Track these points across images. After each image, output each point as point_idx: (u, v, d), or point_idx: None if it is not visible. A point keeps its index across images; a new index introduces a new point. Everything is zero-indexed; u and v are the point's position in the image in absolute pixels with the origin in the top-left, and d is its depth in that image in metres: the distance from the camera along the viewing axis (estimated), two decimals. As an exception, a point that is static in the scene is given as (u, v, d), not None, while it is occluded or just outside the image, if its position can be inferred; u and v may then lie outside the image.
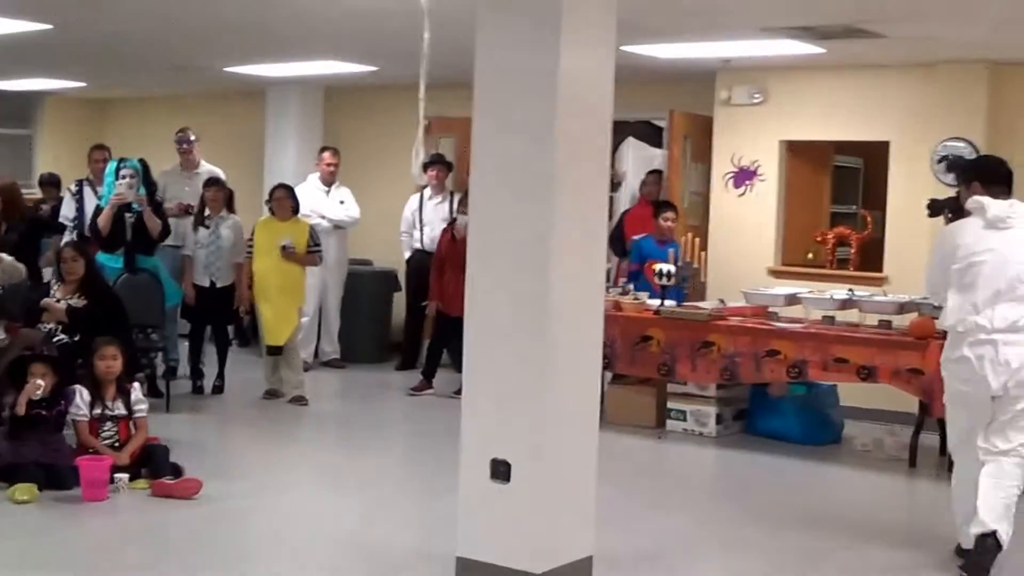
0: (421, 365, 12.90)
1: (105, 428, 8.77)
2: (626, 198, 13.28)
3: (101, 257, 11.09)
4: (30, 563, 7.05)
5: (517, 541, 6.42)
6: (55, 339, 9.73)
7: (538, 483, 6.38)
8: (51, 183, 15.05)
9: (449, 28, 7.70)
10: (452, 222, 12.33)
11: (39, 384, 8.54)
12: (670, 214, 11.93)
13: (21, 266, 10.73)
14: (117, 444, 8.73)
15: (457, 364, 11.58)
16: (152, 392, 10.76)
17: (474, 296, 6.57)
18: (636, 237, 12.14)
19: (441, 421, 10.52)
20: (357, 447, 10.43)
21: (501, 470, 6.41)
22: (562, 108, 6.24)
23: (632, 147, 13.53)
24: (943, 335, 9.05)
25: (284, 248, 11.67)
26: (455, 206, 12.73)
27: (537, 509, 6.40)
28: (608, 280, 10.56)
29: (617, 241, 12.20)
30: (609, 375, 11.04)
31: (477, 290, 6.56)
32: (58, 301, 9.95)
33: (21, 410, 8.51)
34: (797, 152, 12.68)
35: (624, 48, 6.46)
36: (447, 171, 13.52)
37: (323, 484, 9.23)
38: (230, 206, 12.26)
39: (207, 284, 11.96)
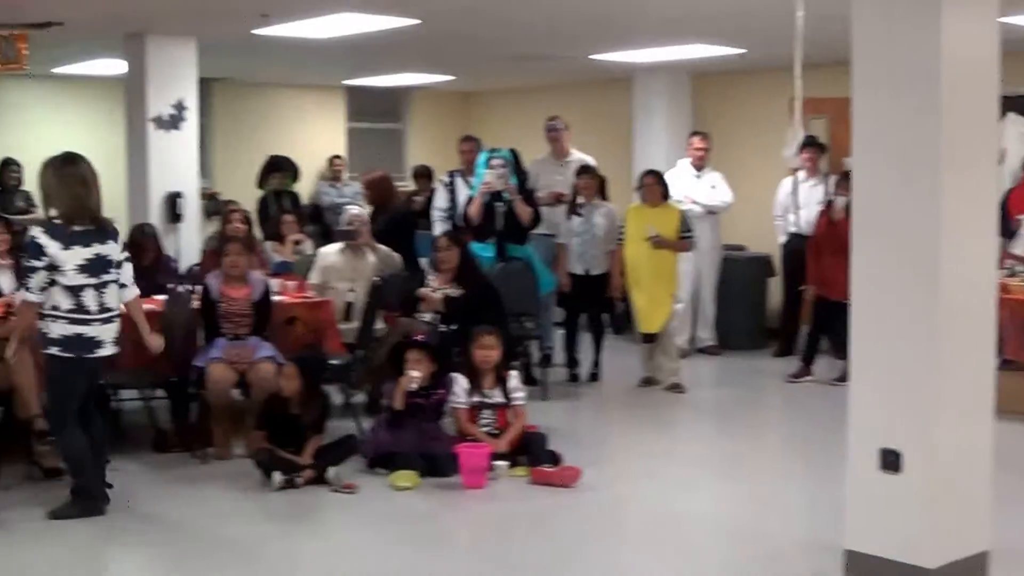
0: (799, 351, 12.67)
1: (483, 416, 8.85)
2: (1007, 175, 12.77)
3: (473, 246, 11.17)
4: (418, 545, 7.20)
5: (909, 535, 6.19)
6: (436, 328, 9.89)
7: (930, 474, 6.13)
8: (424, 175, 15.41)
9: (822, 5, 7.52)
10: (829, 204, 12.05)
11: (413, 376, 8.68)
12: None
13: (397, 256, 10.96)
14: (496, 432, 8.79)
15: (837, 350, 11.35)
16: (528, 380, 10.81)
17: (859, 280, 6.37)
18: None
19: (822, 409, 10.34)
20: (737, 435, 10.26)
21: (891, 460, 6.19)
22: (946, 83, 5.98)
23: (1012, 123, 13.03)
24: None
25: (651, 238, 11.59)
26: (830, 188, 12.45)
27: (930, 501, 6.15)
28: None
29: (1001, 221, 11.70)
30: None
31: (862, 274, 6.36)
32: (434, 291, 10.12)
33: (399, 404, 8.68)
34: None
35: (1001, 20, 6.16)
36: (820, 153, 13.23)
37: (703, 472, 9.08)
38: (603, 194, 12.27)
39: (581, 272, 11.99)
